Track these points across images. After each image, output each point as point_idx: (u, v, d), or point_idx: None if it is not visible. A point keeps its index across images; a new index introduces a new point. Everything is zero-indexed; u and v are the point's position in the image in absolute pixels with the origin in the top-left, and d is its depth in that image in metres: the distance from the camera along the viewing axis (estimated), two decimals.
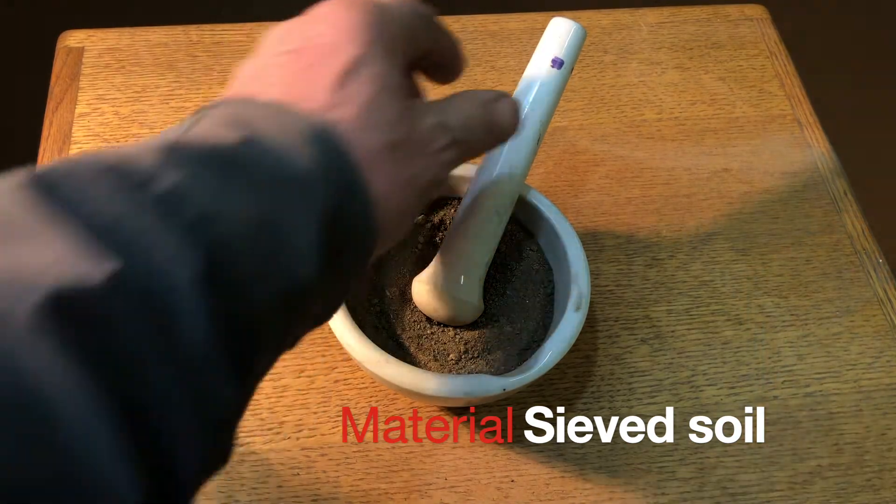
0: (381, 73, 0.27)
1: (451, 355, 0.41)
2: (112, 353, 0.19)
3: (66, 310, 0.18)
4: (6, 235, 0.19)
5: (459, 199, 0.45)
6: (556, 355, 0.39)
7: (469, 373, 0.40)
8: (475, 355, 0.41)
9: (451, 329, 0.42)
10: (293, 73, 0.28)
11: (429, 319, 0.42)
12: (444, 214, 0.45)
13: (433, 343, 0.42)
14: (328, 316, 0.28)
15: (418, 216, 0.36)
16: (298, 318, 0.25)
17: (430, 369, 0.39)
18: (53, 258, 0.18)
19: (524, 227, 0.45)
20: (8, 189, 0.20)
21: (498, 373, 0.39)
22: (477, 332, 0.42)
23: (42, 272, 0.18)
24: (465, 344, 0.42)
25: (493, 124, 0.32)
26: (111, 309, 0.19)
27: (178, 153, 0.22)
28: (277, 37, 0.30)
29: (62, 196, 0.20)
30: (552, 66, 0.40)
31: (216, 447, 0.22)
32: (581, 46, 0.41)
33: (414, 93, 0.31)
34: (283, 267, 0.23)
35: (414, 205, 0.29)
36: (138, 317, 0.19)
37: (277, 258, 0.23)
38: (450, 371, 0.40)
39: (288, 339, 0.26)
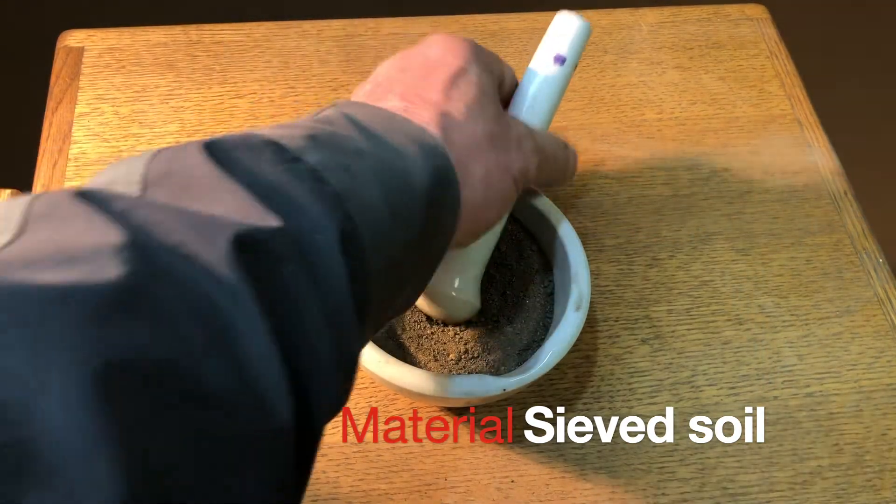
0: (480, 81, 0.34)
1: (451, 355, 0.41)
2: (277, 288, 0.22)
3: (246, 247, 0.22)
4: (197, 190, 0.23)
5: None
6: (556, 355, 0.39)
7: (469, 373, 0.40)
8: (475, 355, 0.41)
9: (451, 329, 0.42)
10: (412, 81, 0.34)
11: (429, 319, 0.42)
12: None
13: (433, 343, 0.42)
14: (410, 303, 0.34)
15: (506, 213, 0.38)
16: (396, 291, 0.30)
17: (430, 369, 0.39)
18: (233, 209, 0.22)
19: (524, 227, 0.45)
20: (193, 153, 0.24)
21: (498, 373, 0.39)
22: (477, 332, 0.42)
23: (227, 218, 0.22)
24: (465, 344, 0.42)
25: (565, 161, 0.40)
26: (276, 253, 0.22)
27: (318, 140, 0.27)
28: (396, 60, 0.36)
29: (234, 161, 0.24)
30: (555, 63, 0.40)
31: (344, 381, 0.25)
32: (585, 43, 0.41)
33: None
34: (393, 242, 0.28)
35: (508, 189, 0.34)
36: (295, 262, 0.23)
37: (389, 234, 0.27)
38: (450, 371, 0.40)
39: (388, 311, 0.30)
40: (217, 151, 0.24)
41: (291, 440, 0.21)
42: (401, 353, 0.40)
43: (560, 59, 0.40)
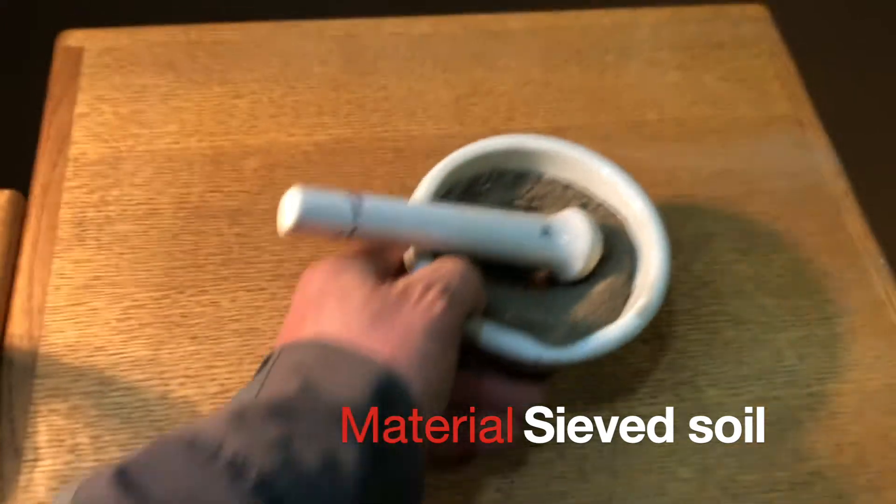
0: (346, 284, 0.34)
1: (506, 315, 0.41)
2: None
3: None
4: None
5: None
6: (600, 349, 0.39)
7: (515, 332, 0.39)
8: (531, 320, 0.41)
9: (516, 289, 0.43)
10: (314, 318, 0.34)
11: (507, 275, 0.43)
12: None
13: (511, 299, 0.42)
14: None
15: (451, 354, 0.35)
16: None
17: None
18: None
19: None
20: (101, 487, 0.25)
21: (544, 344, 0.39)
22: (543, 299, 0.42)
23: None
24: (524, 306, 0.41)
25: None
26: None
27: (244, 418, 0.27)
28: (301, 297, 0.36)
29: (142, 484, 0.25)
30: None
31: None
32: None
33: (389, 279, 0.36)
34: (342, 498, 0.27)
35: (428, 339, 0.32)
36: None
37: (334, 496, 0.26)
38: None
39: None
40: (126, 478, 0.25)
41: None
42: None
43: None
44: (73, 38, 0.56)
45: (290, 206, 0.35)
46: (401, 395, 0.30)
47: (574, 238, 0.42)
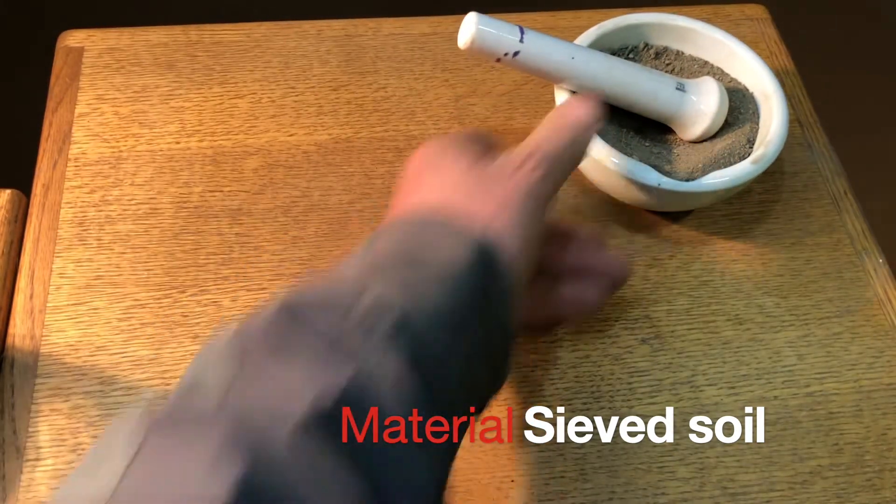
0: (450, 157, 0.37)
1: (634, 155, 0.46)
2: (354, 433, 0.27)
3: (322, 409, 0.26)
4: (278, 349, 0.27)
5: None
6: (713, 185, 0.44)
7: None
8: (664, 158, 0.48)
9: (649, 139, 0.49)
10: (420, 192, 0.37)
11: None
12: None
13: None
14: (498, 384, 0.35)
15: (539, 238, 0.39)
16: (475, 389, 0.33)
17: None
18: (305, 374, 0.27)
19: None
20: (272, 314, 0.28)
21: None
22: (676, 144, 0.49)
23: (300, 389, 0.26)
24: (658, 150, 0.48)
25: (579, 145, 0.38)
26: (349, 400, 0.26)
27: (375, 270, 0.31)
28: (410, 175, 0.39)
29: (306, 321, 0.28)
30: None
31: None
32: None
33: (491, 154, 0.38)
34: (459, 344, 0.31)
35: (531, 212, 0.35)
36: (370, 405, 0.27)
37: (454, 339, 0.30)
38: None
39: (472, 405, 0.34)
40: (290, 313, 0.29)
41: None
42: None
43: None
44: (73, 39, 0.57)
45: (466, 27, 0.40)
46: (497, 261, 0.33)
47: (704, 98, 0.47)
